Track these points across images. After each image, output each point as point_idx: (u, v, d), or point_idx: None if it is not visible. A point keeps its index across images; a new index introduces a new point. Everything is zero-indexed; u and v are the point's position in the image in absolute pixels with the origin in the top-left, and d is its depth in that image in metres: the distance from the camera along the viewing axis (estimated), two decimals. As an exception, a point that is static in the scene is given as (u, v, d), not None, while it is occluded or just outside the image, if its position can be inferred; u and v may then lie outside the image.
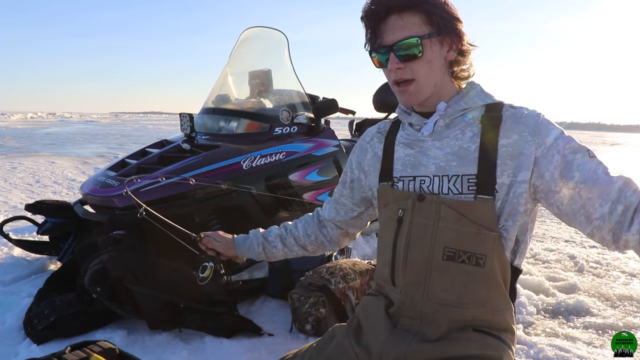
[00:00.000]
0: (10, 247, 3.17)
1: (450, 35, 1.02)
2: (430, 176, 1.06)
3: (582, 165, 0.97)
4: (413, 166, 1.10)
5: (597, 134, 64.28)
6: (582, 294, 2.91)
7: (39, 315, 2.11)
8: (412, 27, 1.00)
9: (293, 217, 3.02)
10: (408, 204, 1.07)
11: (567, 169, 0.97)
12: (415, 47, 1.00)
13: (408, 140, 1.12)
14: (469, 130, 1.05)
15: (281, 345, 2.07)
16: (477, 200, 1.00)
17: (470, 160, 1.03)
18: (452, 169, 1.04)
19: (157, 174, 2.53)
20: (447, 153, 1.05)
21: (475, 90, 1.09)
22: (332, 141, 3.27)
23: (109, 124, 29.82)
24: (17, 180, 6.30)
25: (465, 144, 1.04)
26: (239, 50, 3.48)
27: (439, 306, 1.04)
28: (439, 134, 1.07)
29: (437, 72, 1.05)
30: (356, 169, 1.26)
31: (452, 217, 1.01)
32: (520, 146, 1.00)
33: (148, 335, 2.11)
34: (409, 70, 1.03)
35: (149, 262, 2.19)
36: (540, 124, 1.00)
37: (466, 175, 1.02)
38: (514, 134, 1.01)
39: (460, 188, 1.03)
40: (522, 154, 0.99)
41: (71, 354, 1.25)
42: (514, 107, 1.05)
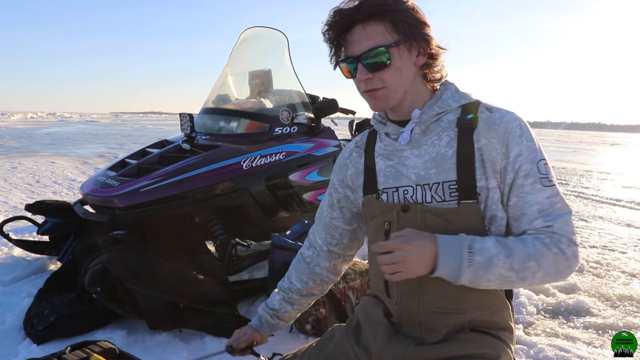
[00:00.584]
0: (10, 247, 3.17)
1: (417, 40, 0.99)
2: (413, 185, 1.04)
3: (524, 195, 0.97)
4: (394, 177, 1.08)
5: (597, 134, 64.24)
6: (582, 294, 2.91)
7: (39, 315, 2.11)
8: (378, 37, 0.97)
9: (293, 217, 3.04)
10: (393, 215, 1.06)
11: (512, 190, 0.99)
12: (382, 55, 0.98)
13: (387, 151, 1.10)
14: (445, 135, 1.03)
15: (281, 345, 2.07)
16: (461, 206, 0.99)
17: (449, 166, 1.01)
18: (432, 176, 1.02)
19: (157, 174, 2.54)
20: (426, 161, 1.03)
21: (450, 92, 1.06)
22: (332, 141, 3.27)
23: (109, 124, 29.81)
24: (17, 180, 6.30)
25: (442, 149, 1.02)
26: (239, 50, 3.48)
27: (436, 314, 1.04)
28: (417, 142, 1.05)
29: (407, 78, 1.02)
30: (340, 187, 1.22)
31: (438, 225, 1.00)
32: (488, 153, 0.99)
33: (148, 335, 2.11)
34: (378, 80, 1.01)
35: (149, 262, 2.19)
36: (509, 134, 0.98)
37: (447, 181, 1.01)
38: (483, 139, 0.99)
39: (442, 195, 1.01)
40: (489, 160, 0.99)
41: (71, 354, 1.25)
42: (490, 109, 1.02)
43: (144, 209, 2.46)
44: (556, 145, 23.82)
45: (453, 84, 1.09)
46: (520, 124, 0.99)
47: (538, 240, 0.95)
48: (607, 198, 6.93)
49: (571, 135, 49.70)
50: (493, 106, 1.04)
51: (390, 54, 0.98)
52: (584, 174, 10.07)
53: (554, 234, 0.95)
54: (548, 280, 0.97)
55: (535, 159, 0.98)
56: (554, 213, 0.96)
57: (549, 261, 0.94)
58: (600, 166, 12.76)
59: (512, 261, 0.93)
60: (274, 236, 2.63)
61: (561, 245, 0.94)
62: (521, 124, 0.99)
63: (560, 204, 0.97)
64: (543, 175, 0.97)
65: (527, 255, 0.93)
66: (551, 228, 0.95)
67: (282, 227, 2.92)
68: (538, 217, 0.96)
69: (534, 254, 0.93)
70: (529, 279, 0.94)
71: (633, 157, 18.20)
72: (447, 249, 0.93)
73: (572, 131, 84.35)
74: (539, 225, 0.96)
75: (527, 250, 0.93)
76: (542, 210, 0.96)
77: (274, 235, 2.63)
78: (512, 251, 0.93)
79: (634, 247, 4.18)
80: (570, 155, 17.01)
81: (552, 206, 0.97)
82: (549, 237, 0.95)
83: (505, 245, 0.94)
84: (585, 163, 13.55)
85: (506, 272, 0.93)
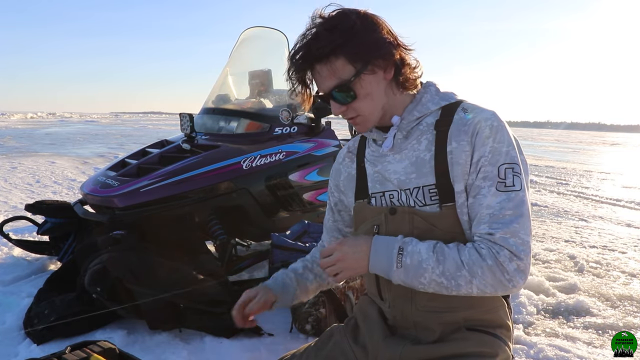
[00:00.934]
0: (10, 247, 3.17)
1: (379, 59, 0.98)
2: (397, 190, 1.06)
3: (479, 196, 0.96)
4: (380, 182, 1.09)
5: (597, 134, 64.26)
6: (582, 294, 2.91)
7: (39, 315, 2.11)
8: (338, 72, 0.97)
9: (293, 217, 3.04)
10: (381, 219, 1.06)
11: (471, 191, 0.98)
12: (347, 90, 0.99)
13: (373, 157, 1.12)
14: (424, 138, 1.03)
15: (281, 345, 2.07)
16: (443, 209, 1.00)
17: (428, 170, 1.01)
18: (412, 181, 1.03)
19: (157, 174, 2.54)
20: (406, 165, 1.04)
21: (429, 95, 1.06)
22: (332, 141, 3.27)
23: (109, 124, 29.82)
24: (17, 180, 6.30)
25: (421, 153, 1.02)
26: (239, 50, 3.48)
27: (429, 314, 1.05)
28: (399, 147, 1.06)
29: (379, 97, 1.02)
30: (335, 192, 1.24)
31: (425, 227, 1.01)
32: (457, 156, 0.98)
33: (148, 335, 2.11)
34: (351, 110, 1.02)
35: (149, 262, 2.19)
36: (477, 135, 0.97)
37: (426, 186, 1.01)
38: (454, 141, 0.99)
39: (423, 199, 1.02)
40: (458, 163, 0.98)
41: (71, 354, 1.25)
42: (466, 109, 1.01)
43: (144, 209, 2.46)
44: (556, 145, 23.82)
45: (434, 85, 1.08)
46: (492, 124, 0.96)
47: (475, 249, 0.94)
48: (607, 198, 6.94)
49: (571, 135, 49.71)
50: (472, 106, 1.02)
51: (354, 86, 0.98)
52: (584, 174, 10.08)
53: (494, 245, 0.93)
54: (488, 292, 0.94)
55: (497, 162, 0.95)
56: (501, 220, 0.93)
57: (484, 272, 0.92)
58: (600, 166, 12.77)
59: (443, 268, 0.93)
60: (274, 236, 2.63)
61: (500, 258, 0.91)
62: (493, 124, 0.97)
63: (512, 211, 0.93)
64: (501, 179, 0.94)
65: (459, 263, 0.93)
66: (492, 237, 0.93)
67: (282, 227, 2.92)
68: (485, 222, 0.95)
69: (468, 263, 0.93)
70: (464, 287, 0.94)
71: (633, 157, 18.21)
72: (378, 249, 0.98)
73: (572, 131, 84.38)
74: (483, 231, 0.95)
75: (460, 259, 0.93)
76: (492, 215, 0.94)
77: (274, 235, 2.63)
78: (444, 258, 0.94)
79: (634, 247, 4.18)
80: (570, 155, 17.01)
81: (501, 212, 0.93)
82: (487, 248, 0.93)
83: (440, 251, 0.94)
84: (585, 163, 13.56)
85: (437, 277, 0.94)
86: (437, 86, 1.08)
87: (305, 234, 2.82)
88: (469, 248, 0.95)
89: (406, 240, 0.98)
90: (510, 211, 0.93)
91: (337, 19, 0.97)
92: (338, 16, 0.97)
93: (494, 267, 0.92)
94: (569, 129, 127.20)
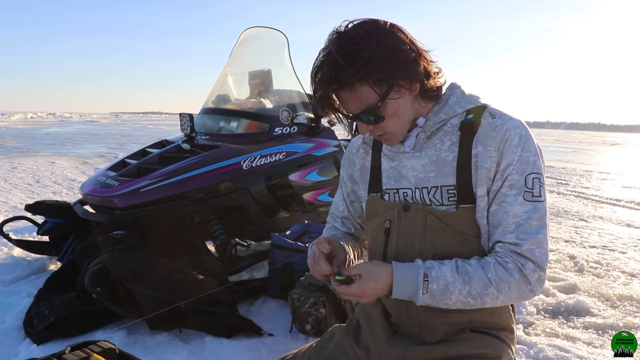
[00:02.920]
0: (10, 247, 3.17)
1: (404, 80, 0.95)
2: (412, 188, 1.05)
3: (505, 204, 0.96)
4: (395, 179, 1.09)
5: (597, 134, 64.28)
6: (582, 294, 2.91)
7: (39, 315, 2.11)
8: (364, 98, 0.95)
9: (293, 217, 3.04)
10: (394, 215, 1.06)
11: (495, 197, 0.98)
12: (375, 113, 0.96)
13: (391, 153, 1.11)
14: (447, 139, 1.02)
15: (281, 345, 2.07)
16: (460, 210, 1.00)
17: (449, 170, 1.01)
18: (431, 180, 1.02)
19: (157, 174, 2.54)
20: (425, 164, 1.03)
21: (455, 97, 1.04)
22: (332, 141, 3.27)
23: (109, 124, 29.82)
24: (17, 180, 6.30)
25: (443, 153, 1.02)
26: (239, 50, 3.48)
27: (435, 313, 1.04)
28: (420, 146, 1.05)
29: (408, 112, 1.00)
30: (349, 182, 1.23)
31: (437, 226, 1.01)
32: (483, 160, 0.97)
33: (148, 335, 2.11)
34: (379, 129, 1.01)
35: (148, 262, 2.19)
36: (506, 142, 0.96)
37: (445, 186, 1.01)
38: (480, 146, 0.98)
39: (440, 199, 1.01)
40: (483, 167, 0.97)
41: (71, 354, 1.25)
42: (493, 115, 1.00)
43: (144, 209, 2.46)
44: (556, 145, 23.82)
45: (459, 87, 1.07)
46: (521, 133, 0.97)
47: (501, 265, 0.95)
48: (607, 198, 6.94)
49: (571, 135, 49.71)
50: (498, 112, 1.02)
51: (381, 110, 0.96)
52: (584, 174, 10.07)
53: (520, 257, 0.94)
54: (510, 303, 0.99)
55: (525, 171, 0.96)
56: (528, 230, 0.94)
57: (511, 286, 0.94)
58: (600, 166, 12.77)
59: (470, 288, 0.94)
60: (274, 236, 2.63)
61: (525, 271, 0.93)
62: (522, 133, 0.97)
63: (537, 221, 0.95)
64: (528, 189, 0.95)
65: (487, 281, 0.94)
66: (519, 247, 0.94)
67: (282, 227, 2.92)
68: (512, 231, 0.95)
69: (495, 280, 0.94)
70: (489, 303, 0.96)
71: (633, 157, 18.20)
72: (402, 278, 0.96)
73: (572, 131, 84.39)
74: (510, 241, 0.95)
75: (487, 277, 0.94)
76: (519, 225, 0.95)
77: (274, 235, 2.63)
78: (470, 278, 0.94)
79: (634, 247, 4.18)
80: (570, 155, 17.01)
81: (528, 222, 0.94)
82: (513, 262, 0.94)
83: (464, 271, 0.95)
84: (585, 163, 13.56)
85: (464, 298, 0.95)
86: (462, 88, 1.07)
87: (305, 234, 2.82)
88: (493, 263, 0.95)
89: (427, 265, 0.97)
90: (537, 221, 0.95)
91: (359, 45, 0.91)
92: (360, 41, 0.91)
93: (520, 281, 0.94)
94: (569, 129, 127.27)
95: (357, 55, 0.91)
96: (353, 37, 0.92)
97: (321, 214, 3.19)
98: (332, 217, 1.30)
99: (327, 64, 0.93)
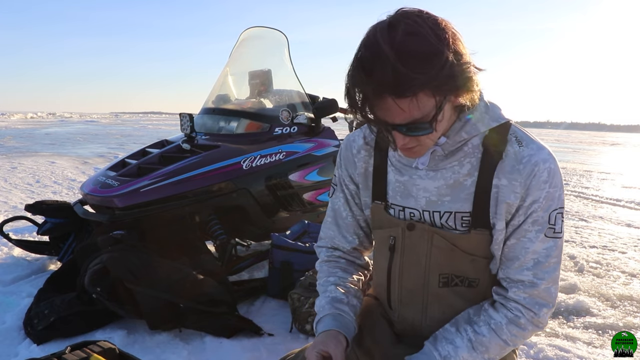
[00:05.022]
0: (10, 247, 3.17)
1: (462, 89, 0.82)
2: (420, 210, 0.98)
3: (524, 240, 0.93)
4: (403, 195, 1.00)
5: (597, 134, 64.27)
6: (582, 294, 2.91)
7: (39, 315, 2.11)
8: (423, 107, 0.79)
9: (293, 217, 3.04)
10: (398, 232, 1.01)
11: (515, 232, 0.94)
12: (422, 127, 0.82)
13: (400, 164, 1.00)
14: (467, 161, 0.93)
15: (281, 345, 2.07)
16: (472, 233, 0.95)
17: (466, 196, 0.94)
18: (445, 204, 0.95)
19: (157, 174, 2.54)
20: (441, 186, 0.95)
21: (479, 112, 0.92)
22: (332, 141, 3.27)
23: (109, 124, 29.80)
24: (17, 180, 6.29)
25: (461, 177, 0.94)
26: (239, 50, 3.48)
27: (439, 325, 1.03)
28: (435, 164, 0.95)
29: (445, 124, 0.89)
30: (350, 184, 1.11)
31: (445, 247, 0.97)
32: (506, 194, 0.91)
33: (148, 335, 2.11)
34: (414, 140, 0.86)
35: (149, 262, 2.19)
36: (534, 178, 0.89)
37: (460, 212, 0.94)
38: (504, 178, 0.91)
39: (454, 224, 0.96)
40: (505, 202, 0.91)
41: (71, 354, 1.25)
42: (520, 141, 0.92)
43: (144, 209, 2.46)
44: (556, 146, 23.81)
45: (482, 101, 0.94)
46: (550, 167, 0.90)
47: (514, 324, 0.94)
48: (607, 198, 6.93)
49: (571, 135, 49.70)
50: (525, 135, 0.94)
51: (433, 120, 0.82)
52: (584, 174, 10.08)
53: (534, 304, 0.93)
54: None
55: (550, 208, 0.91)
56: (546, 269, 0.92)
57: (525, 336, 0.97)
58: (600, 166, 12.76)
59: (488, 355, 0.95)
60: (274, 236, 2.63)
61: (539, 318, 0.94)
62: (551, 166, 0.90)
63: (556, 259, 0.93)
64: (551, 226, 0.92)
65: (503, 344, 0.95)
66: (536, 288, 0.93)
67: (282, 227, 2.92)
68: (530, 269, 0.93)
69: (510, 339, 0.95)
70: (506, 353, 0.99)
71: (633, 157, 18.20)
72: None
73: (572, 131, 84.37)
74: (526, 279, 0.93)
75: (502, 339, 0.95)
76: (537, 262, 0.92)
77: (274, 235, 2.63)
78: (487, 348, 0.94)
79: (634, 247, 4.18)
80: (570, 155, 17.01)
81: (547, 259, 0.92)
82: (525, 315, 0.94)
83: (480, 343, 0.94)
84: (585, 163, 13.55)
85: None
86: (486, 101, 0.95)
87: (305, 234, 2.82)
88: (506, 324, 0.94)
89: (443, 353, 0.94)
90: (555, 259, 0.93)
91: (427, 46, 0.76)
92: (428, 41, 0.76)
93: (533, 329, 0.96)
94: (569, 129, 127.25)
95: (427, 60, 0.75)
96: (415, 34, 0.76)
97: (321, 214, 3.19)
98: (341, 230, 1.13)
99: (384, 66, 0.75)
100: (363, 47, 0.80)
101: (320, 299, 1.07)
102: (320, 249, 1.18)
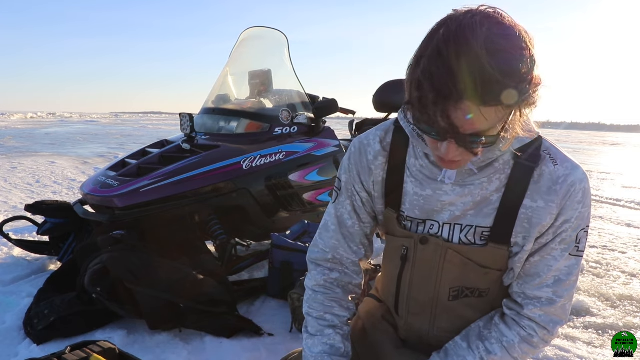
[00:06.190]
0: (10, 247, 3.17)
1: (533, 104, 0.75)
2: (440, 223, 0.94)
3: (548, 257, 0.91)
4: (422, 210, 0.95)
5: (597, 134, 64.26)
6: (582, 294, 2.91)
7: (39, 315, 2.11)
8: (496, 118, 0.72)
9: (293, 217, 3.04)
10: (411, 244, 0.99)
11: (540, 250, 0.92)
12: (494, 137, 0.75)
13: (422, 176, 0.94)
14: (496, 178, 0.89)
15: (281, 345, 2.07)
16: (489, 247, 0.92)
17: (489, 211, 0.91)
18: (467, 218, 0.92)
19: (157, 174, 2.54)
20: (467, 202, 0.91)
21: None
22: (332, 141, 3.27)
23: (109, 124, 29.79)
24: (17, 180, 6.29)
25: (489, 193, 0.90)
26: (239, 50, 3.48)
27: (446, 334, 1.04)
28: (462, 179, 0.90)
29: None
30: (362, 192, 1.03)
31: (458, 262, 0.95)
32: (541, 217, 0.88)
33: (148, 335, 2.11)
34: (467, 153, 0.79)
35: (149, 262, 2.19)
36: (569, 198, 0.87)
37: (481, 227, 0.92)
38: (540, 200, 0.88)
39: (472, 239, 0.93)
40: (538, 224, 0.89)
41: (71, 354, 1.25)
42: (554, 160, 0.88)
43: (144, 209, 2.46)
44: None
45: None
46: (584, 187, 0.88)
47: (526, 342, 0.95)
48: (607, 198, 6.94)
49: (571, 135, 49.69)
50: (558, 152, 0.90)
51: (497, 135, 0.76)
52: (584, 174, 10.07)
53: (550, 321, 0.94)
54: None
55: (579, 227, 0.90)
56: (566, 287, 0.92)
57: (535, 353, 0.98)
58: (600, 166, 12.76)
59: None
60: (274, 236, 2.63)
61: (551, 335, 0.95)
62: (585, 186, 0.88)
63: (575, 277, 0.93)
64: (577, 244, 0.91)
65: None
66: (553, 305, 0.93)
67: (282, 227, 2.92)
68: (550, 286, 0.92)
69: (521, 356, 0.96)
70: None
71: (633, 157, 18.20)
72: None
73: (572, 131, 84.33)
74: (545, 296, 0.93)
75: (514, 357, 0.95)
76: (558, 280, 0.92)
77: (274, 235, 2.63)
78: None
79: (634, 247, 4.18)
80: (571, 155, 16.96)
81: (568, 277, 0.92)
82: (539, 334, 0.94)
83: None
84: (585, 163, 13.54)
85: None
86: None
87: (305, 234, 2.82)
88: (518, 342, 0.94)
89: None
90: (575, 277, 0.93)
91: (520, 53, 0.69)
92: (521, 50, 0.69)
93: (544, 345, 0.97)
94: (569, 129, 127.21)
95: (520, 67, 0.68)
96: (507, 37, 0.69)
97: (321, 214, 3.19)
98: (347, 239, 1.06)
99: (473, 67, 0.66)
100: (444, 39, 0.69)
101: (316, 343, 1.03)
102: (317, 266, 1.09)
